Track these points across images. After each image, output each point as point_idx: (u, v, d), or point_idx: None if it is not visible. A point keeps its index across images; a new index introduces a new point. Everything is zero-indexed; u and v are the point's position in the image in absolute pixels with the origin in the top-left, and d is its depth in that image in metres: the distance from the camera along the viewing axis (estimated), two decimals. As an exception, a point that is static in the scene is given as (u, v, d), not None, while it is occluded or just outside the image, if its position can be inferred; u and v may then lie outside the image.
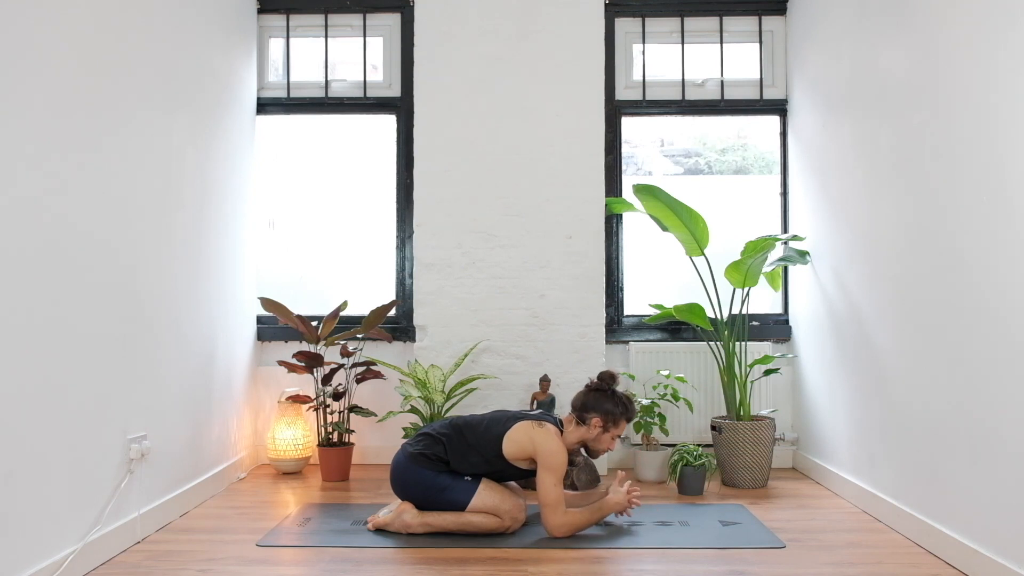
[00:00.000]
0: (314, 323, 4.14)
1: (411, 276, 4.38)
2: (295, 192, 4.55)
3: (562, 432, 3.11)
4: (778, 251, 4.17)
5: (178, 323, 3.36)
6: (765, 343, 4.30)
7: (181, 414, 3.39)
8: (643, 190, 3.94)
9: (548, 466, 2.97)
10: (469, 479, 3.04)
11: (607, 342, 4.28)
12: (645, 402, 3.93)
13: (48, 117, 2.47)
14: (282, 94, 4.47)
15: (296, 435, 4.14)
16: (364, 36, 4.48)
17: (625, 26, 4.45)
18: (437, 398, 3.91)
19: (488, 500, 3.01)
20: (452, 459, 3.06)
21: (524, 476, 3.13)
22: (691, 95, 4.44)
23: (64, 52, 2.56)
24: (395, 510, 3.09)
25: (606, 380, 3.14)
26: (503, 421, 3.10)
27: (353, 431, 4.16)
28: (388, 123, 4.50)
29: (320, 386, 4.07)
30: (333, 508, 3.44)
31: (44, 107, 2.45)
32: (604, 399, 3.09)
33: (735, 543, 2.92)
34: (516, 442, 3.03)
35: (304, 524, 3.19)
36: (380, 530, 3.07)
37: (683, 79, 4.43)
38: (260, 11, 4.42)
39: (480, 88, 4.27)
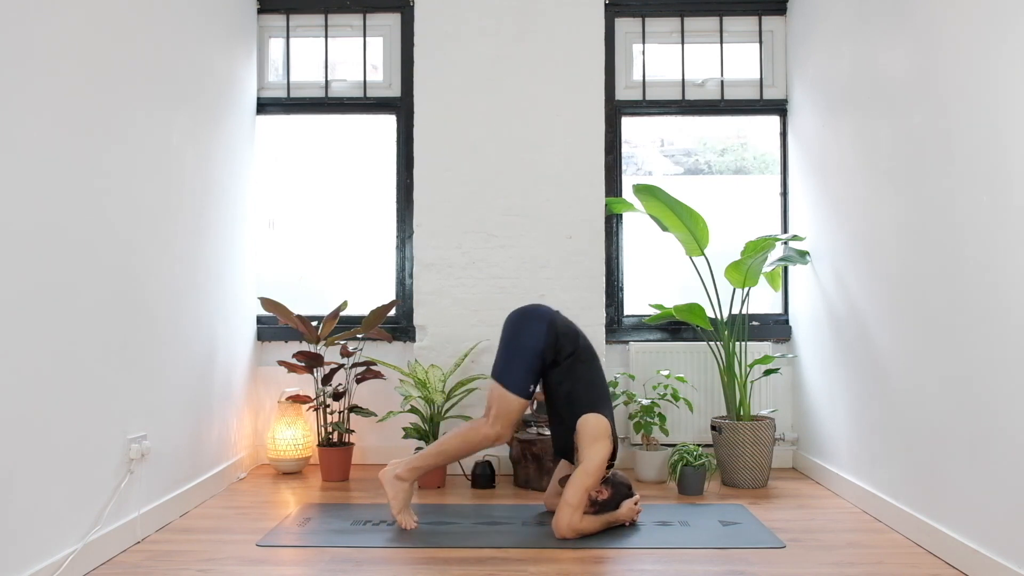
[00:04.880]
0: (314, 323, 4.14)
1: (411, 276, 4.38)
2: (295, 192, 4.55)
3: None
4: (778, 251, 4.17)
5: (178, 323, 3.36)
6: (765, 343, 4.30)
7: (181, 414, 3.39)
8: (643, 190, 3.94)
9: (589, 469, 2.99)
10: (533, 389, 3.15)
11: (607, 342, 4.28)
12: (645, 402, 3.93)
13: (47, 117, 2.47)
14: (282, 94, 4.47)
15: (296, 435, 4.14)
16: (364, 36, 4.48)
17: (625, 26, 4.45)
18: (437, 398, 3.91)
19: (508, 404, 3.12)
20: (559, 357, 3.15)
21: (563, 447, 3.20)
22: (691, 95, 4.44)
23: (63, 52, 2.56)
24: (385, 475, 3.16)
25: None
26: (606, 398, 3.18)
27: (353, 431, 4.16)
28: (388, 123, 4.50)
29: (320, 386, 4.07)
30: (333, 508, 3.44)
31: (43, 108, 2.45)
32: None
33: (735, 543, 2.92)
34: (591, 427, 3.06)
35: (304, 524, 3.19)
36: (383, 523, 3.08)
37: (683, 79, 4.43)
38: (260, 11, 4.42)
39: (480, 88, 4.27)
